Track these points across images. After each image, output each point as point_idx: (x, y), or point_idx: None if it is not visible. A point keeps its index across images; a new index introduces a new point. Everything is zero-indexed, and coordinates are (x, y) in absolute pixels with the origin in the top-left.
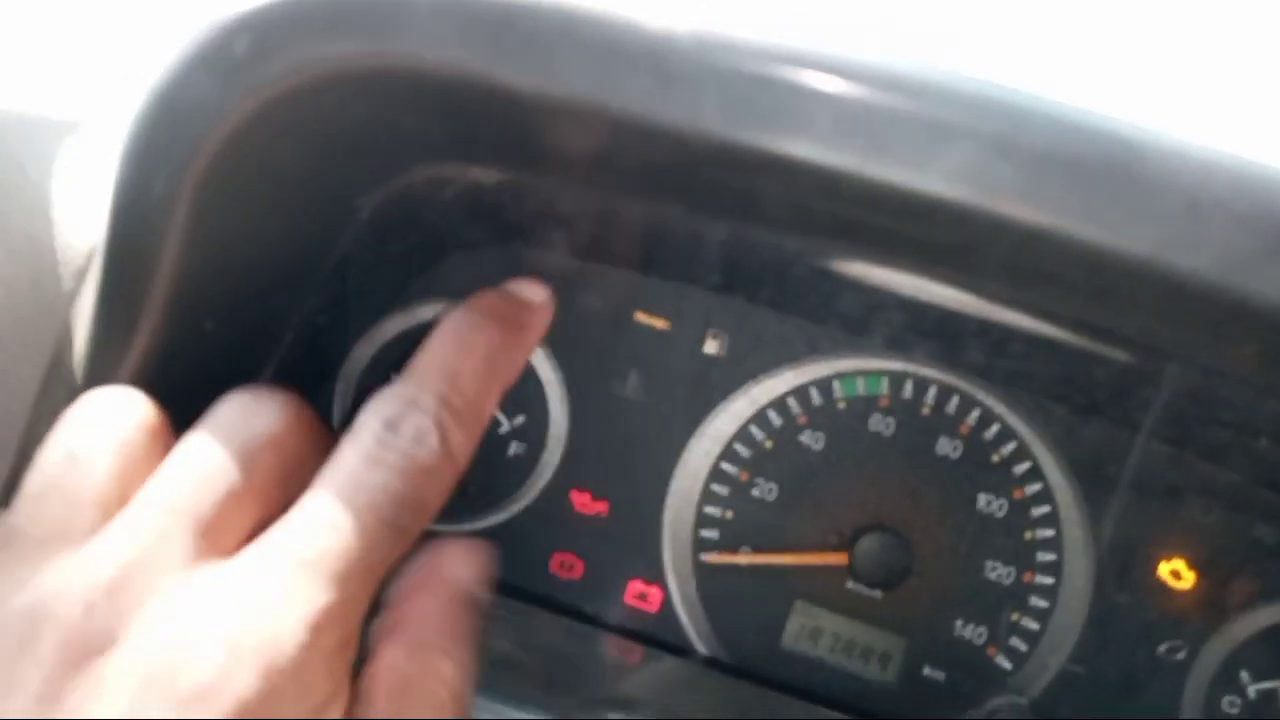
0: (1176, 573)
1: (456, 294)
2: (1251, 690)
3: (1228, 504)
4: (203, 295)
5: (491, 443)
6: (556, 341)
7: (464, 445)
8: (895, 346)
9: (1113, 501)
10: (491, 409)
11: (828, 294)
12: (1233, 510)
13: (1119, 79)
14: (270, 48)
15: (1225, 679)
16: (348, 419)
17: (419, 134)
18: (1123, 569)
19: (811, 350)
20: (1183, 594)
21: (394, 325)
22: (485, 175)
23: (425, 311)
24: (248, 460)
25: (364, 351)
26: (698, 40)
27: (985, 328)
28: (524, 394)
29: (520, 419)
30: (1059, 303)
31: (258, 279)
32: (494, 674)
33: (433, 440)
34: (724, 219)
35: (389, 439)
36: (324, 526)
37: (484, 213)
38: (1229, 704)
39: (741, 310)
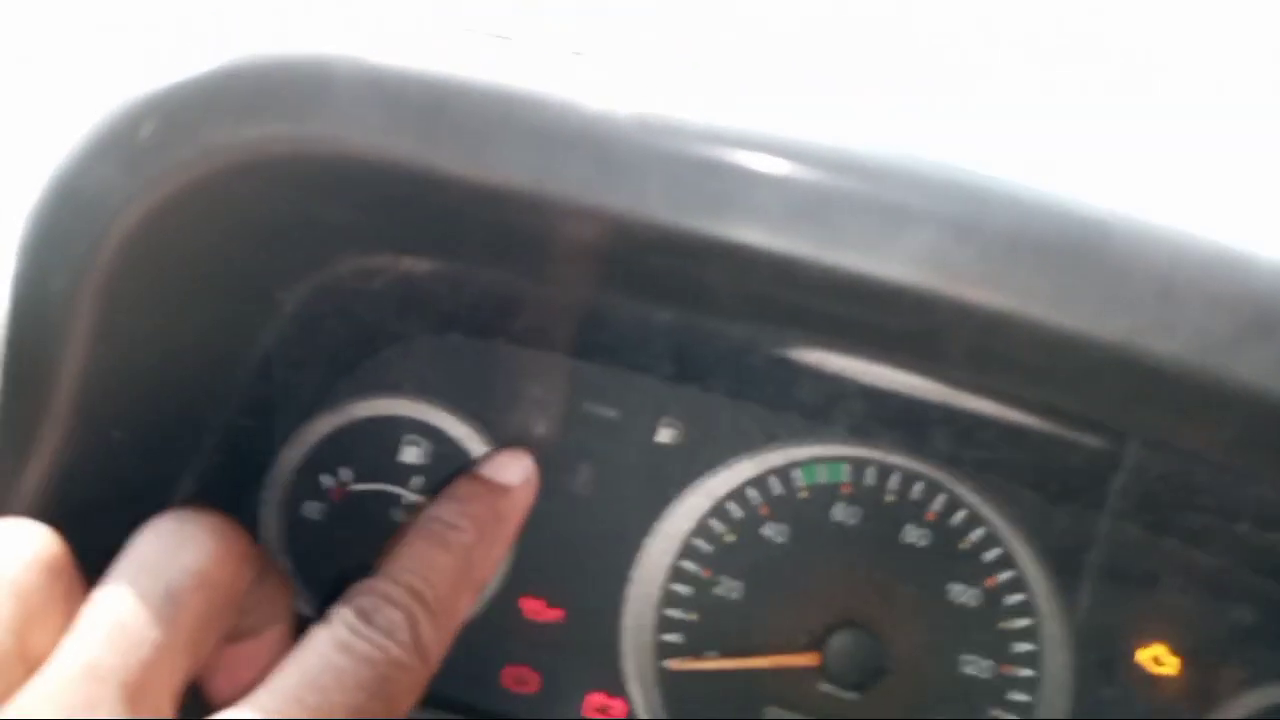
0: (1158, 659)
1: (390, 388)
2: None
3: (1207, 587)
4: (111, 402)
5: None
6: (498, 434)
7: (436, 642)
8: (856, 433)
9: (1087, 587)
10: (467, 608)
11: (784, 381)
12: (1213, 593)
13: (1084, 157)
14: (179, 132)
15: None
16: (281, 528)
17: (344, 223)
18: (1102, 658)
19: (770, 438)
20: (1166, 680)
21: (324, 425)
22: (417, 265)
23: (358, 409)
24: (175, 607)
25: (293, 454)
26: (641, 123)
27: (948, 413)
28: None
29: None
30: (1026, 388)
31: (173, 382)
32: None
33: (404, 634)
34: (672, 306)
35: (361, 628)
36: (291, 702)
37: (417, 304)
38: None
39: (695, 398)
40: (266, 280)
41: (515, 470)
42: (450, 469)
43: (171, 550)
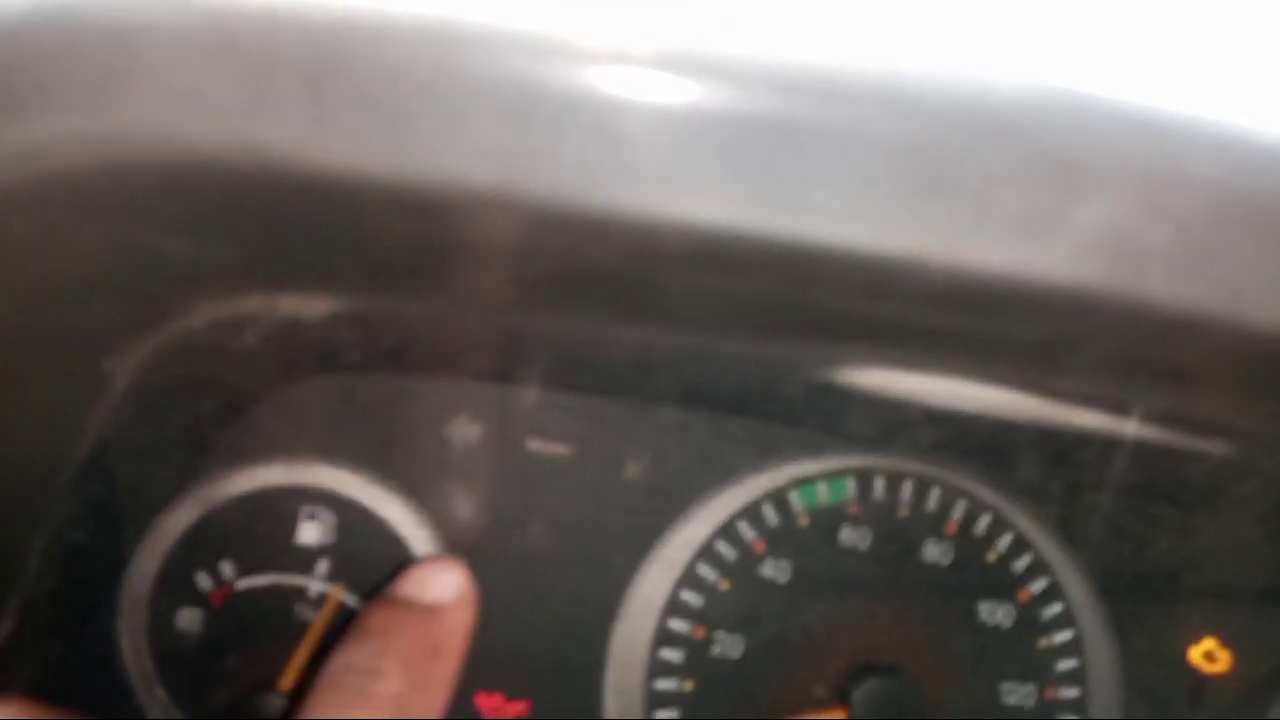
0: (1210, 655)
1: (272, 451)
2: None
3: (1254, 571)
4: None
5: None
6: (420, 493)
7: None
8: (856, 440)
9: (1130, 586)
10: None
11: (774, 390)
12: (1261, 577)
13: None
14: None
15: None
16: (149, 654)
17: (194, 259)
18: (1152, 663)
19: (758, 457)
20: (1219, 679)
21: (188, 512)
22: (306, 307)
23: (232, 484)
24: None
25: (150, 559)
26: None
27: (966, 410)
28: (391, 571)
29: None
30: (1131, 392)
31: None
32: None
33: None
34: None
35: None
36: None
37: (304, 353)
38: None
39: (663, 418)
40: (87, 348)
41: (444, 583)
42: (364, 545)
43: None
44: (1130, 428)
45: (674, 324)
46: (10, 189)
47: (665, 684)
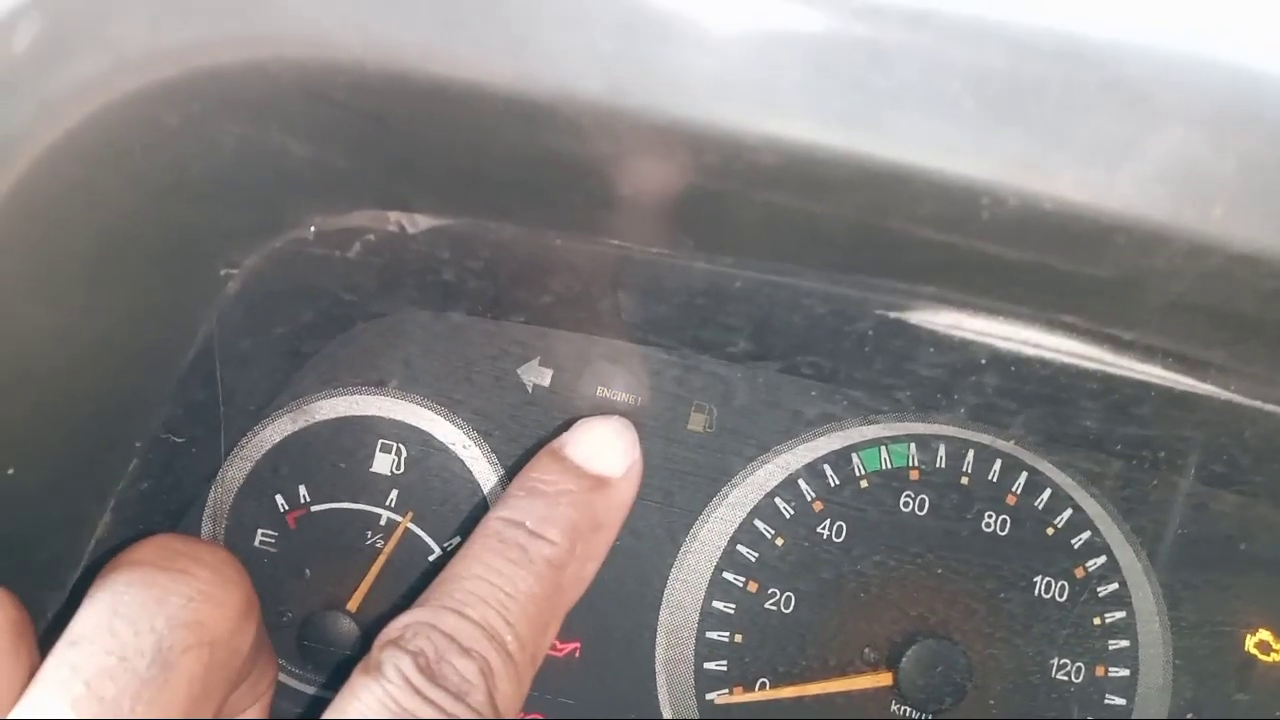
0: (1265, 645)
1: (358, 383)
2: None
3: None
4: None
5: (425, 576)
6: (491, 434)
7: (514, 700)
8: (924, 407)
9: (1190, 571)
10: (549, 644)
11: (838, 327)
12: None
13: None
14: (76, 39)
15: None
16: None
17: (316, 169)
18: (1205, 649)
19: (821, 418)
20: (1275, 670)
21: (273, 432)
22: (414, 222)
23: (317, 410)
24: (164, 669)
25: (235, 473)
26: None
27: (1033, 375)
28: (457, 504)
29: (455, 541)
30: (1195, 344)
31: (81, 392)
32: None
33: (480, 694)
34: (714, 253)
35: (424, 685)
36: None
37: (408, 274)
38: None
39: (730, 374)
40: (206, 250)
41: (618, 455)
42: (435, 479)
43: (160, 593)
44: (1190, 383)
45: (750, 256)
46: (165, 84)
47: (716, 635)
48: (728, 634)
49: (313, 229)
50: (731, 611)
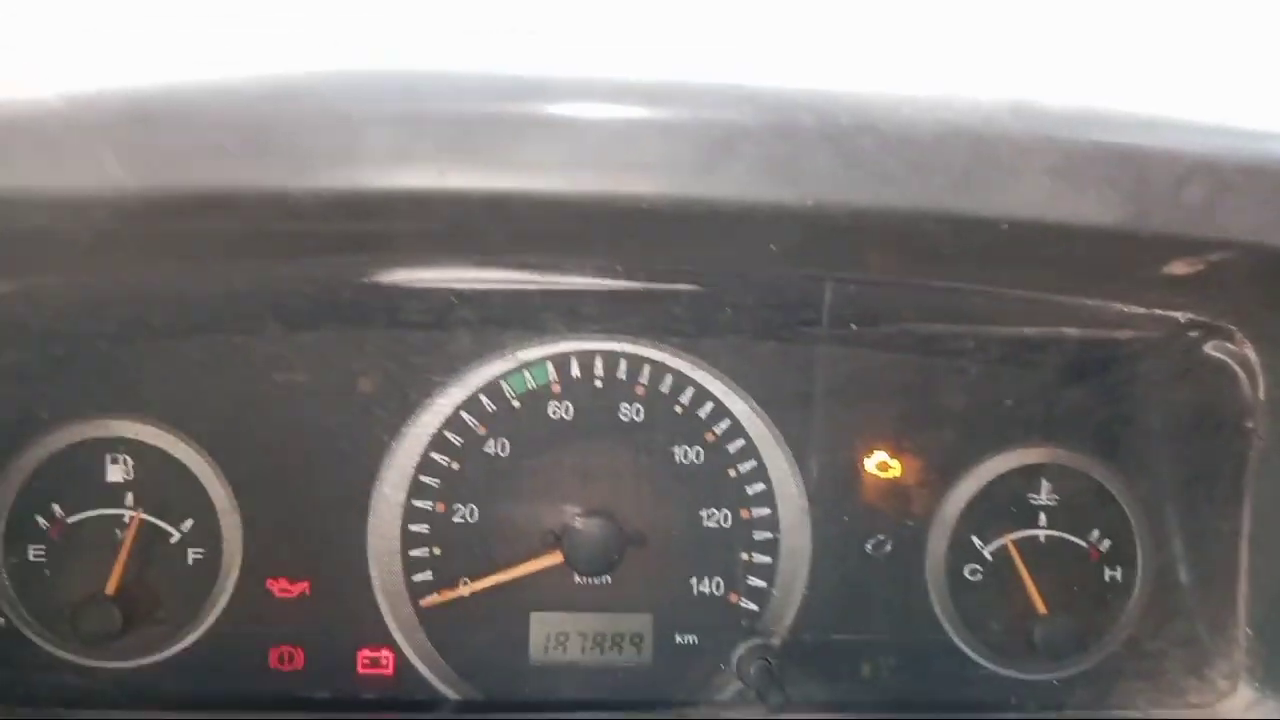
0: (882, 465)
1: (83, 410)
2: (986, 552)
3: (905, 386)
4: None
5: (166, 557)
6: (193, 426)
7: None
8: (549, 330)
9: (800, 414)
10: None
11: (473, 304)
12: (916, 390)
13: None
14: None
15: (959, 551)
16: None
17: None
18: (831, 476)
19: (471, 358)
20: (895, 482)
21: (22, 465)
22: None
23: (54, 440)
24: None
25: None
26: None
27: (634, 291)
28: (183, 494)
29: (189, 523)
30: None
31: None
32: None
33: None
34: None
35: None
36: None
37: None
38: (970, 572)
39: (380, 336)
40: None
41: None
42: (157, 479)
43: None
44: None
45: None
46: None
47: (417, 552)
48: (426, 550)
49: None
50: (427, 531)
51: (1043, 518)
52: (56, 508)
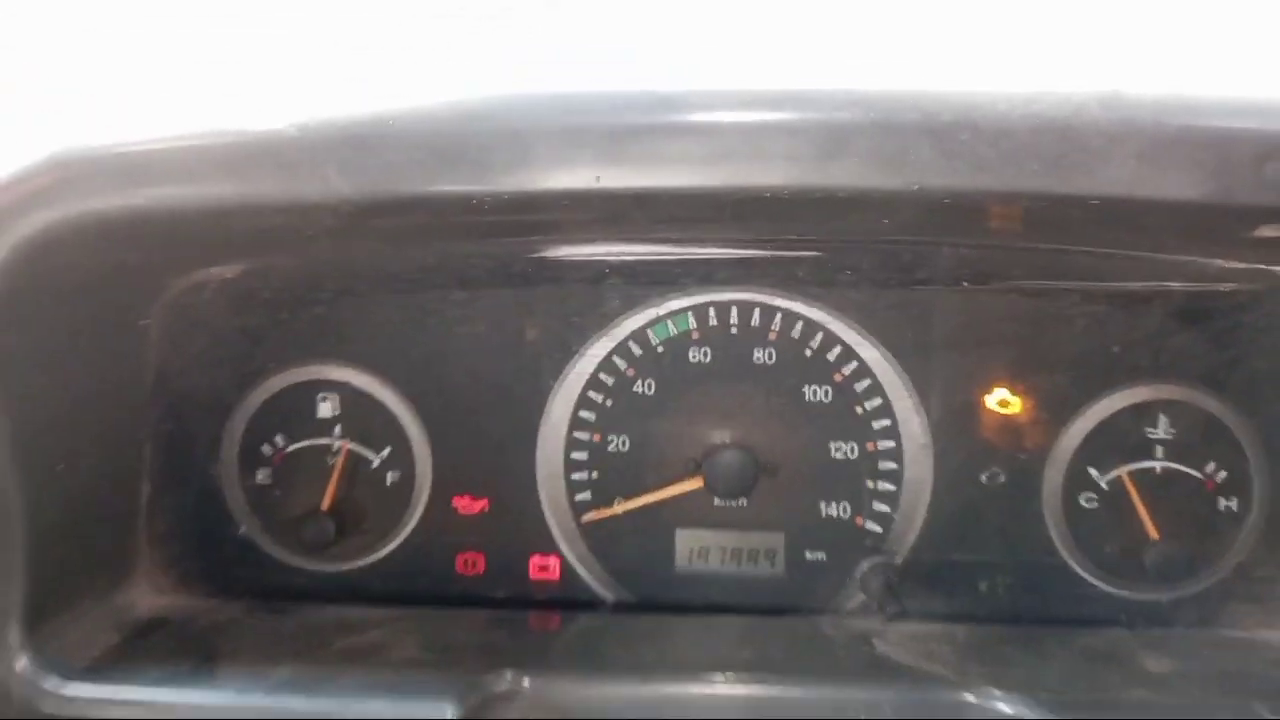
0: (1003, 401)
1: (299, 358)
2: (1103, 482)
3: (1019, 334)
4: (41, 442)
5: (369, 479)
6: (391, 371)
7: None
8: (691, 284)
9: (923, 357)
10: None
11: (624, 267)
12: (1035, 330)
13: None
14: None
15: (1075, 481)
16: (243, 498)
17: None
18: (952, 412)
19: (620, 311)
20: (1012, 419)
21: (249, 404)
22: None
23: (274, 382)
24: None
25: (232, 441)
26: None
27: (765, 257)
28: (382, 426)
29: (387, 450)
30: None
31: (87, 410)
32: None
33: None
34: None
35: None
36: None
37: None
38: (1086, 500)
39: (545, 297)
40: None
41: None
42: (360, 415)
43: None
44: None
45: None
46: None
47: (579, 475)
48: (586, 474)
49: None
50: (586, 458)
51: (1159, 450)
52: (279, 438)
